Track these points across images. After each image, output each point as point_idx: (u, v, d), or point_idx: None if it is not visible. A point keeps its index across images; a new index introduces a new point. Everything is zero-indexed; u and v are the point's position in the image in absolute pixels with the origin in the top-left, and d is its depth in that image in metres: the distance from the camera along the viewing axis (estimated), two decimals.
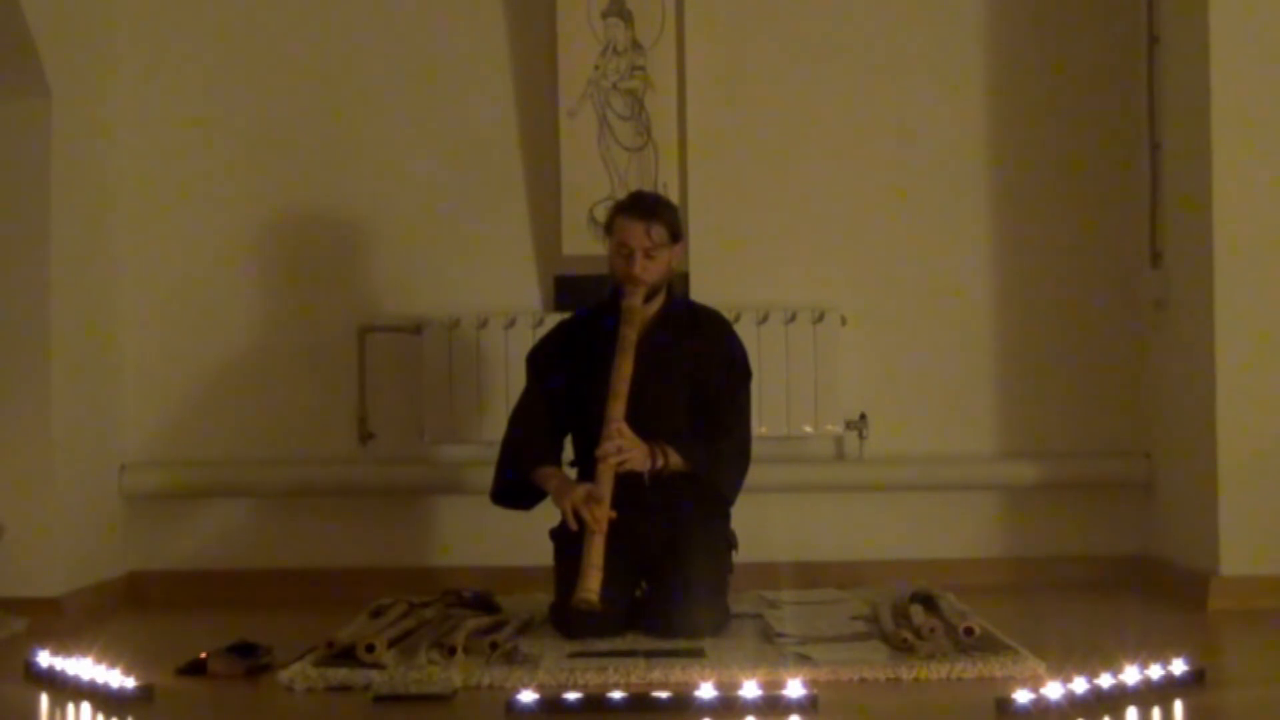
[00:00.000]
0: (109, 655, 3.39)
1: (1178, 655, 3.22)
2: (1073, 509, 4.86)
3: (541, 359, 4.10)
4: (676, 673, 3.33)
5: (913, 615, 3.75)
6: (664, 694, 3.10)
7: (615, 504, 3.74)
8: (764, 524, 4.56)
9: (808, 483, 4.81)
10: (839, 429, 4.76)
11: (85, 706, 3.20)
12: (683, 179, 4.81)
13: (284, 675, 3.36)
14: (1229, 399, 4.30)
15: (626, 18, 4.82)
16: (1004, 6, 4.91)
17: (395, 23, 4.92)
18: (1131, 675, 3.11)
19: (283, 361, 4.88)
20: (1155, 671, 3.15)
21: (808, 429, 4.74)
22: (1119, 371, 4.88)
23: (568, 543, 3.81)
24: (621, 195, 4.52)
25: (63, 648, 3.50)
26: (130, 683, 3.22)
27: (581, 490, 3.78)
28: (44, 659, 3.44)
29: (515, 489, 4.03)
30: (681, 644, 3.64)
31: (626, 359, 3.82)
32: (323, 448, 4.86)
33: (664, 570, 3.87)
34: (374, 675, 3.32)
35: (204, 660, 3.49)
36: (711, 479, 3.94)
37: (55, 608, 4.30)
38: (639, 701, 3.07)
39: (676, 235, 3.99)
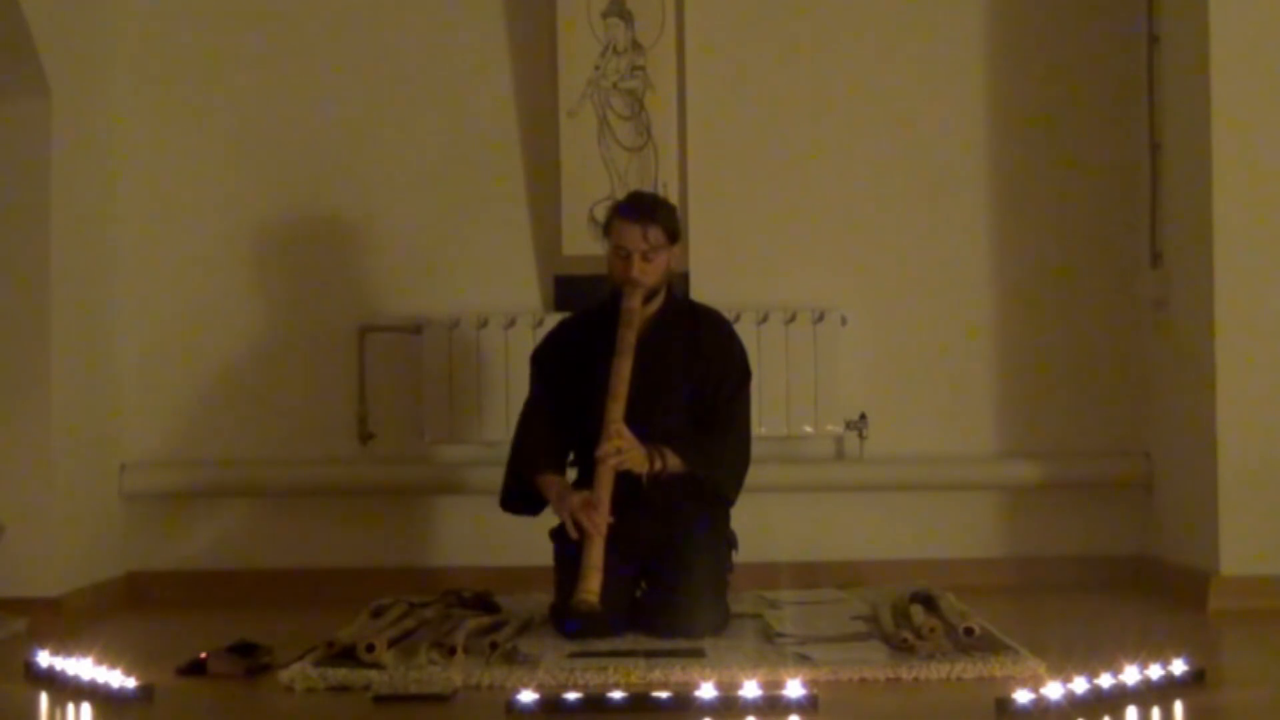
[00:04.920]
0: (109, 655, 3.39)
1: (1178, 655, 3.22)
2: (1073, 509, 4.86)
3: (544, 359, 4.10)
4: (676, 673, 3.33)
5: (913, 615, 3.75)
6: (664, 694, 3.10)
7: (615, 505, 3.75)
8: (764, 524, 4.57)
9: (808, 483, 4.81)
10: (839, 429, 4.76)
11: (85, 706, 3.20)
12: (683, 179, 4.81)
13: (284, 675, 3.35)
14: (1229, 399, 4.30)
15: (626, 18, 4.82)
16: (1004, 7, 4.91)
17: (395, 22, 4.92)
18: (1131, 675, 3.11)
19: (283, 361, 4.88)
20: (1155, 671, 3.15)
21: (808, 429, 4.74)
22: (1119, 371, 4.89)
23: (567, 543, 3.81)
24: (621, 195, 4.52)
25: (63, 648, 3.49)
26: (130, 683, 3.22)
27: (579, 497, 3.78)
28: (44, 659, 3.44)
29: (521, 496, 4.04)
30: (681, 644, 3.64)
31: (626, 360, 3.82)
32: (323, 448, 4.86)
33: (664, 570, 3.87)
34: (374, 675, 3.32)
35: (204, 660, 3.49)
36: (711, 480, 3.94)
37: (55, 608, 4.29)
38: (639, 701, 3.07)
39: (674, 236, 3.99)
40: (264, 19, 4.92)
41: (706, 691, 3.06)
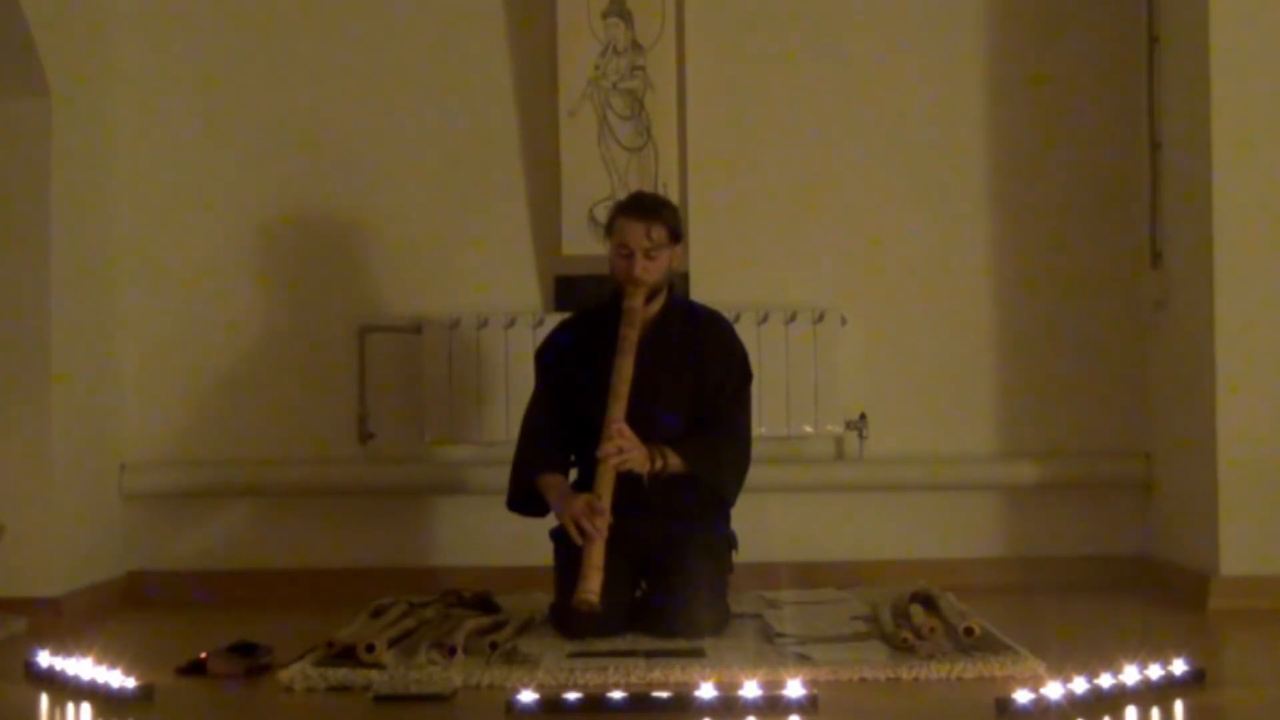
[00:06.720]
0: (109, 655, 3.40)
1: (1178, 655, 3.22)
2: (1073, 509, 4.86)
3: (549, 357, 4.11)
4: (676, 673, 3.33)
5: (913, 615, 3.75)
6: (664, 694, 3.10)
7: (615, 505, 3.75)
8: (764, 524, 4.57)
9: (808, 483, 4.81)
10: (839, 429, 4.76)
11: (85, 706, 3.20)
12: (683, 179, 4.81)
13: (284, 675, 3.36)
14: (1229, 399, 4.30)
15: (626, 18, 4.82)
16: (1004, 7, 4.91)
17: (395, 23, 4.92)
18: (1131, 675, 3.11)
19: (283, 361, 4.88)
20: (1155, 671, 3.16)
21: (808, 429, 4.74)
22: (1119, 371, 4.88)
23: (568, 543, 3.81)
24: (621, 195, 4.53)
25: (63, 648, 3.50)
26: (130, 683, 3.23)
27: (581, 501, 3.78)
28: (44, 659, 3.45)
29: (526, 497, 4.04)
30: (681, 644, 3.64)
31: (627, 360, 3.82)
32: (323, 448, 4.86)
33: (664, 570, 3.87)
34: (374, 675, 3.32)
35: (204, 660, 3.49)
36: (711, 481, 3.94)
37: (55, 608, 4.30)
38: (639, 701, 3.07)
39: (677, 236, 4.00)
40: (264, 19, 4.91)
41: (706, 691, 3.06)
